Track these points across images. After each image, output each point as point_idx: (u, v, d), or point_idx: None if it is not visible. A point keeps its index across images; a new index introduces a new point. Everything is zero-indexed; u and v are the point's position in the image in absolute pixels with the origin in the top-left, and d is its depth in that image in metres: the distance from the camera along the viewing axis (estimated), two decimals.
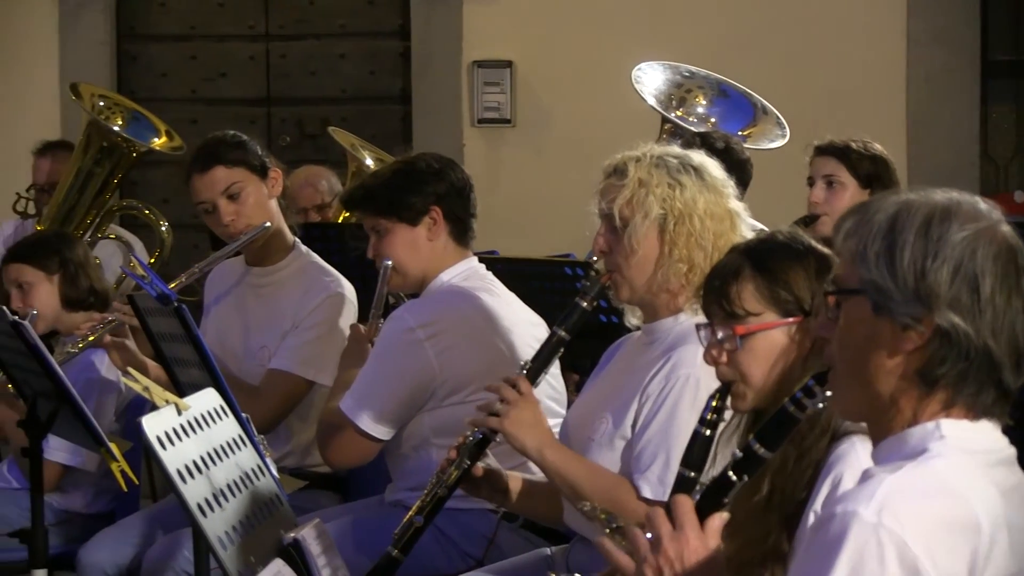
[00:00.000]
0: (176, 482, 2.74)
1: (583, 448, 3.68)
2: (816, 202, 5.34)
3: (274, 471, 3.28)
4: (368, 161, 7.02)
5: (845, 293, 2.29)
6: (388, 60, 8.74)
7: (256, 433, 3.49)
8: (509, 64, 8.42)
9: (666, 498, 3.25)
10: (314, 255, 5.00)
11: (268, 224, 4.85)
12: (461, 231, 4.39)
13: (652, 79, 6.27)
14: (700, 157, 3.72)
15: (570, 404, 4.25)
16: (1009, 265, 2.24)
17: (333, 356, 4.61)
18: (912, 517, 2.12)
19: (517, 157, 8.44)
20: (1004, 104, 8.45)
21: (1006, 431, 2.30)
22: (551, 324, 3.85)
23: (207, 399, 3.07)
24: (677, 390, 3.54)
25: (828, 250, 3.00)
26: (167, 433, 2.79)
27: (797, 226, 4.06)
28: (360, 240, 4.53)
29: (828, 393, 2.42)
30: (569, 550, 3.87)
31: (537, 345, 3.88)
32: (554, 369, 4.20)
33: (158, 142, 6.73)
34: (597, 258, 3.79)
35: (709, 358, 3.03)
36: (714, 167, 3.70)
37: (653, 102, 6.19)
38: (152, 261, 6.88)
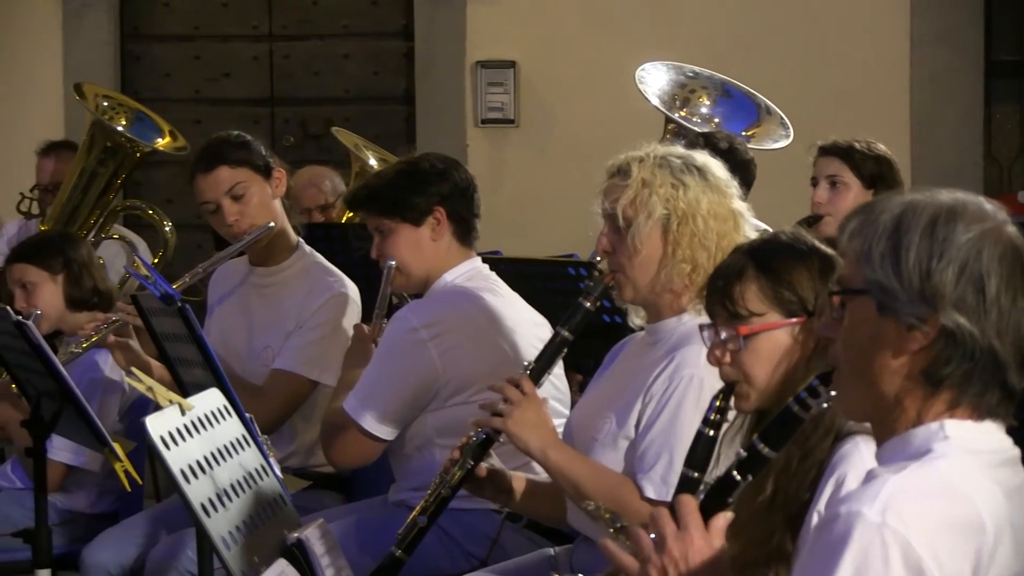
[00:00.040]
0: (180, 482, 2.74)
1: (587, 448, 3.67)
2: (820, 202, 5.33)
3: (278, 471, 3.28)
4: (371, 161, 7.01)
5: (850, 293, 2.28)
6: (392, 60, 8.73)
7: (260, 433, 3.48)
8: (513, 64, 8.41)
9: (669, 498, 3.25)
10: (318, 255, 5.00)
11: (272, 224, 4.85)
12: (465, 231, 4.38)
13: (656, 79, 6.26)
14: (703, 157, 3.71)
15: (574, 404, 4.25)
16: (1015, 266, 2.24)
17: (337, 356, 4.61)
18: (916, 517, 2.12)
19: (521, 157, 8.43)
20: (1008, 104, 8.44)
21: (1010, 431, 2.30)
22: (555, 324, 3.85)
23: (211, 399, 3.07)
24: (681, 390, 3.54)
25: (831, 250, 3.00)
26: (171, 433, 2.79)
27: (801, 226, 4.06)
28: (364, 240, 4.53)
29: (832, 393, 2.42)
30: (573, 550, 3.86)
31: (540, 345, 3.88)
32: (557, 369, 4.20)
33: (162, 142, 6.73)
34: (600, 258, 3.79)
35: (712, 358, 3.03)
36: (717, 167, 3.70)
37: (657, 102, 6.18)
38: (156, 261, 6.88)
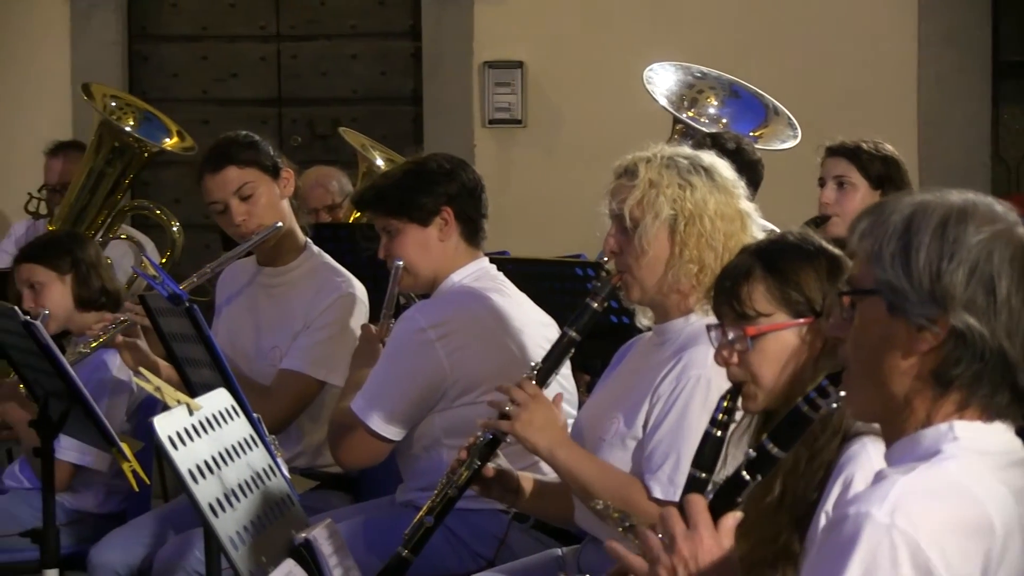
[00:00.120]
0: (188, 482, 2.74)
1: (594, 448, 3.67)
2: (827, 203, 5.33)
3: (285, 471, 3.27)
4: (379, 162, 7.02)
5: (860, 293, 2.28)
6: (399, 61, 8.74)
7: (267, 433, 3.48)
8: (520, 65, 8.41)
9: (677, 498, 3.25)
10: (326, 255, 5.00)
11: (280, 224, 4.85)
12: (472, 232, 4.38)
13: (663, 80, 6.26)
14: (710, 158, 3.71)
15: (581, 405, 4.25)
16: None
17: (344, 356, 4.61)
18: (925, 518, 2.12)
19: (528, 158, 8.43)
20: (1016, 105, 8.43)
21: (1020, 432, 2.30)
22: (562, 325, 3.84)
23: (218, 399, 3.07)
24: (688, 391, 3.54)
25: (839, 251, 3.01)
26: (179, 433, 2.79)
27: (808, 227, 4.06)
28: (371, 240, 4.53)
29: (842, 393, 2.41)
30: (580, 551, 3.86)
31: (548, 346, 3.88)
32: (565, 370, 4.19)
33: (169, 142, 6.74)
34: (608, 259, 3.79)
35: (720, 359, 3.03)
36: (724, 168, 3.70)
37: (664, 103, 6.18)
38: (163, 261, 6.88)
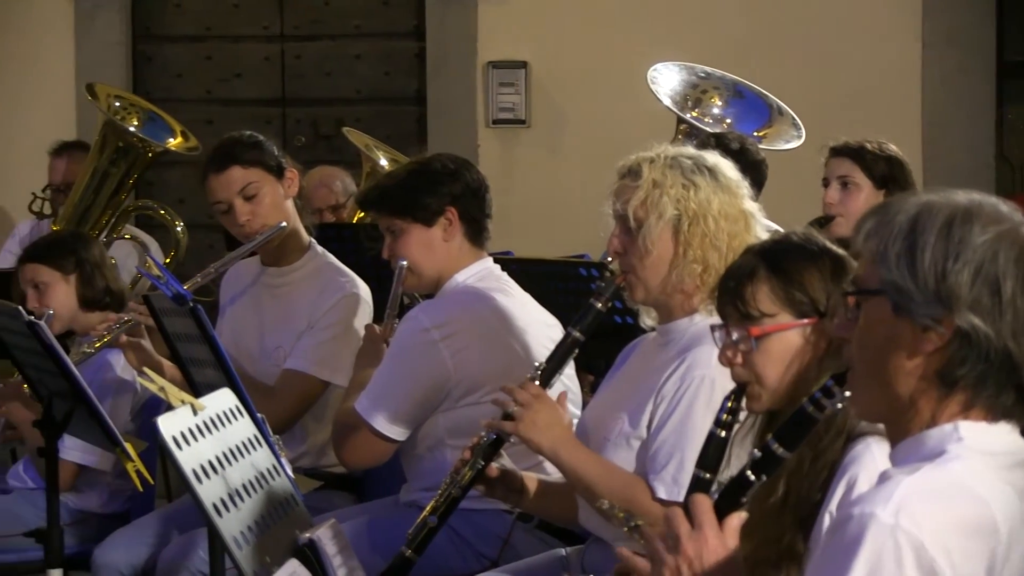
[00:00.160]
0: (192, 482, 2.74)
1: (599, 448, 3.67)
2: (831, 203, 5.33)
3: (289, 471, 3.28)
4: (382, 162, 7.02)
5: (865, 293, 2.28)
6: (403, 61, 8.74)
7: (271, 433, 3.48)
8: (524, 65, 8.41)
9: (681, 499, 3.26)
10: (330, 255, 5.00)
11: (284, 224, 4.85)
12: (476, 232, 4.38)
13: (667, 80, 6.27)
14: (714, 158, 3.71)
15: (585, 405, 4.25)
16: None
17: (348, 356, 4.61)
18: (930, 519, 2.12)
19: (532, 158, 8.43)
20: (1020, 105, 8.43)
21: None
22: (566, 325, 3.85)
23: (223, 399, 3.07)
24: (692, 391, 3.54)
25: (843, 251, 3.00)
26: (183, 433, 2.79)
27: (812, 227, 4.06)
28: (375, 240, 4.53)
29: (847, 394, 2.41)
30: (584, 551, 3.86)
31: (552, 346, 3.88)
32: (569, 370, 4.19)
33: (173, 142, 6.74)
34: (612, 259, 3.79)
35: (724, 359, 3.02)
36: (728, 168, 3.70)
37: (668, 103, 6.18)
38: (167, 261, 6.89)
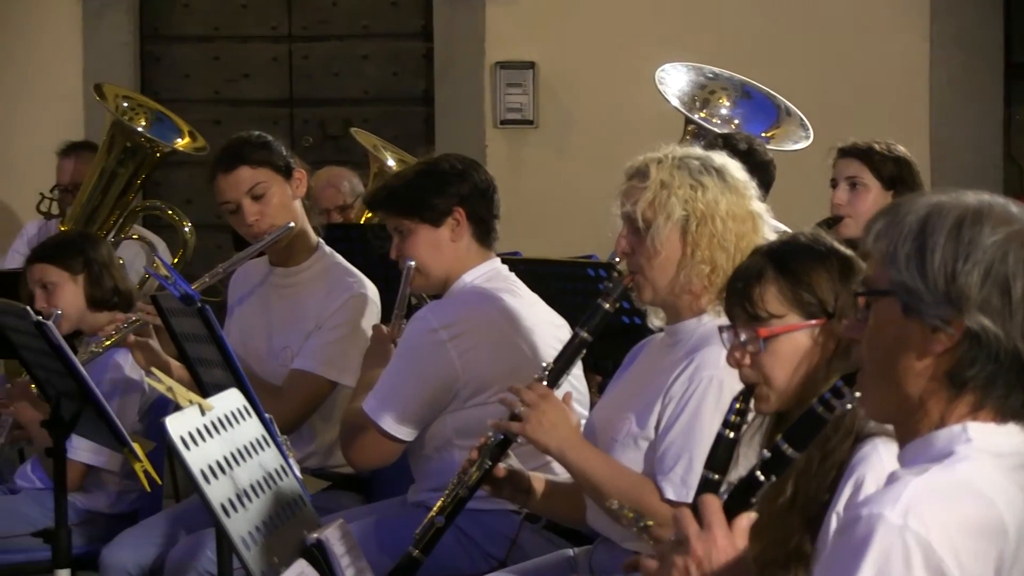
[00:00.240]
0: (199, 482, 2.74)
1: (606, 449, 3.67)
2: (839, 204, 5.33)
3: (297, 472, 3.27)
4: (390, 162, 7.02)
5: (875, 294, 2.28)
6: (411, 61, 8.74)
7: (279, 433, 3.48)
8: (532, 65, 8.41)
9: (689, 499, 3.26)
10: (338, 256, 5.00)
11: (292, 224, 4.85)
12: (484, 232, 4.38)
13: (675, 80, 6.26)
14: (722, 158, 3.71)
15: (593, 405, 4.25)
16: None
17: (356, 356, 4.61)
18: (938, 520, 2.11)
19: (539, 158, 8.43)
20: None
21: None
22: (573, 325, 3.84)
23: (230, 399, 3.07)
24: (700, 391, 3.54)
25: (851, 252, 3.00)
26: (191, 433, 2.79)
27: (820, 228, 4.06)
28: (383, 240, 4.53)
29: (856, 394, 2.41)
30: (592, 551, 3.86)
31: (559, 346, 3.87)
32: (576, 370, 4.19)
33: (181, 143, 6.75)
34: (619, 259, 3.79)
35: (732, 360, 3.02)
36: (736, 168, 3.70)
37: (676, 103, 6.18)
38: (175, 261, 6.89)
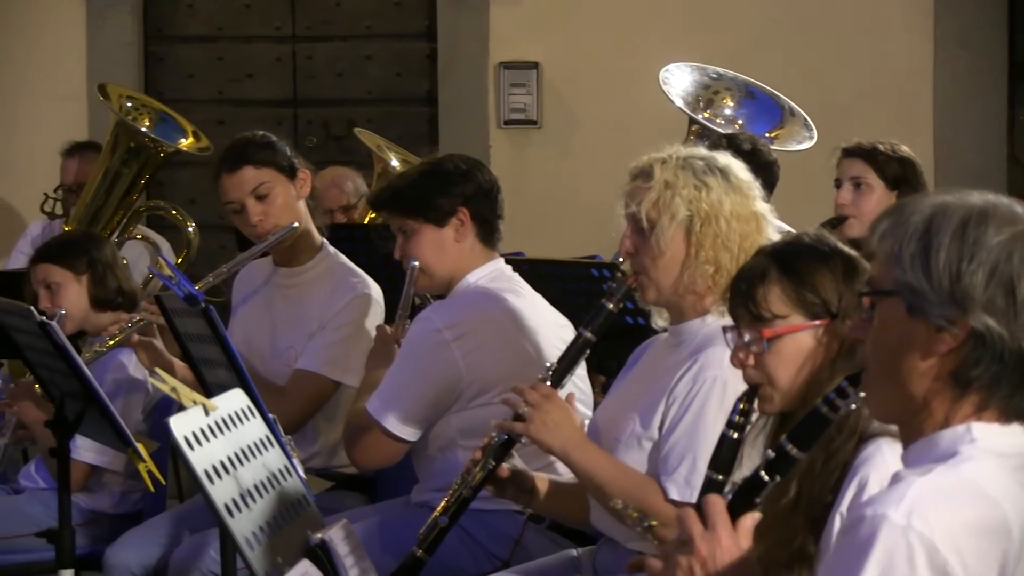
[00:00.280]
0: (203, 482, 2.74)
1: (610, 449, 3.67)
2: (843, 204, 5.33)
3: (301, 472, 3.27)
4: (394, 162, 7.02)
5: (880, 294, 2.28)
6: (414, 62, 8.74)
7: (283, 433, 3.49)
8: (535, 65, 8.41)
9: (693, 500, 3.26)
10: (342, 256, 5.00)
11: (296, 225, 4.85)
12: (488, 232, 4.38)
13: (679, 80, 6.27)
14: (726, 159, 3.71)
15: (597, 405, 4.24)
16: None
17: (360, 357, 4.61)
18: (942, 520, 2.11)
19: (543, 158, 8.43)
20: None
21: None
22: (577, 325, 3.84)
23: (234, 400, 3.07)
24: (704, 392, 3.54)
25: (855, 252, 3.00)
26: (194, 433, 2.79)
27: (824, 228, 4.07)
28: (387, 241, 4.53)
29: (861, 394, 2.41)
30: (596, 552, 3.86)
31: (563, 346, 3.87)
32: (580, 371, 4.19)
33: (185, 143, 6.75)
34: (623, 260, 3.79)
35: (736, 361, 3.02)
36: (740, 168, 3.70)
37: (680, 103, 6.18)
38: (179, 262, 6.89)
